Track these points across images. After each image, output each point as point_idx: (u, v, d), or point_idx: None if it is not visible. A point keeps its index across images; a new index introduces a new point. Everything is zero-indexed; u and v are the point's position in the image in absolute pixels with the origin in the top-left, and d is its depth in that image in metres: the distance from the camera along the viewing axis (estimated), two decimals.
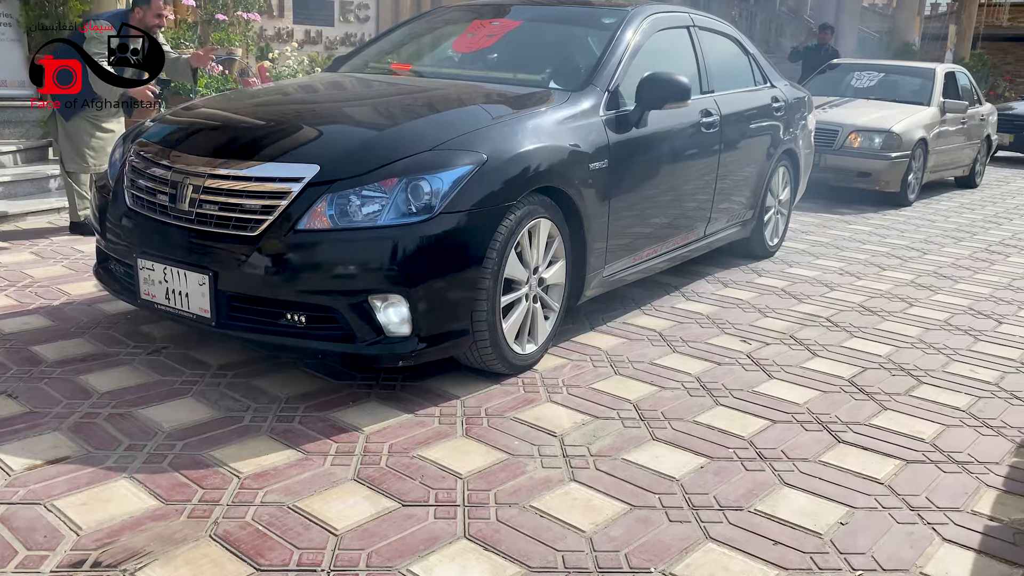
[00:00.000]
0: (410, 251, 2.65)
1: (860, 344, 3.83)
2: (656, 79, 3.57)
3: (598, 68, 3.65)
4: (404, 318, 2.70)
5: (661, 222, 4.01)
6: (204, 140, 3.08)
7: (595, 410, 2.92)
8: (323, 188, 2.69)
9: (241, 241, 2.71)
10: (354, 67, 4.25)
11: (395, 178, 2.72)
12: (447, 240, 2.72)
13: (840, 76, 9.78)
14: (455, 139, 2.91)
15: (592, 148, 3.35)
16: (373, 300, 2.68)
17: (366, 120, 3.28)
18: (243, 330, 2.80)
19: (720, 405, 3.03)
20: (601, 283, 3.63)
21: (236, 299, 2.77)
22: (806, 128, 5.61)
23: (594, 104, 3.48)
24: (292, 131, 3.05)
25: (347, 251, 2.66)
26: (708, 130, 4.24)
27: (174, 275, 2.83)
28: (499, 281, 2.91)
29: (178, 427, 2.62)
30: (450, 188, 2.74)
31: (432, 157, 2.81)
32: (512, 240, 2.92)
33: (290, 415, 2.74)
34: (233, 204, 2.76)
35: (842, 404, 3.11)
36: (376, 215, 2.68)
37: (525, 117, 3.21)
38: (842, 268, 5.39)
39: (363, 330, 2.70)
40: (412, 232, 2.66)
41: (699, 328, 3.94)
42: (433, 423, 2.74)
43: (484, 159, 2.85)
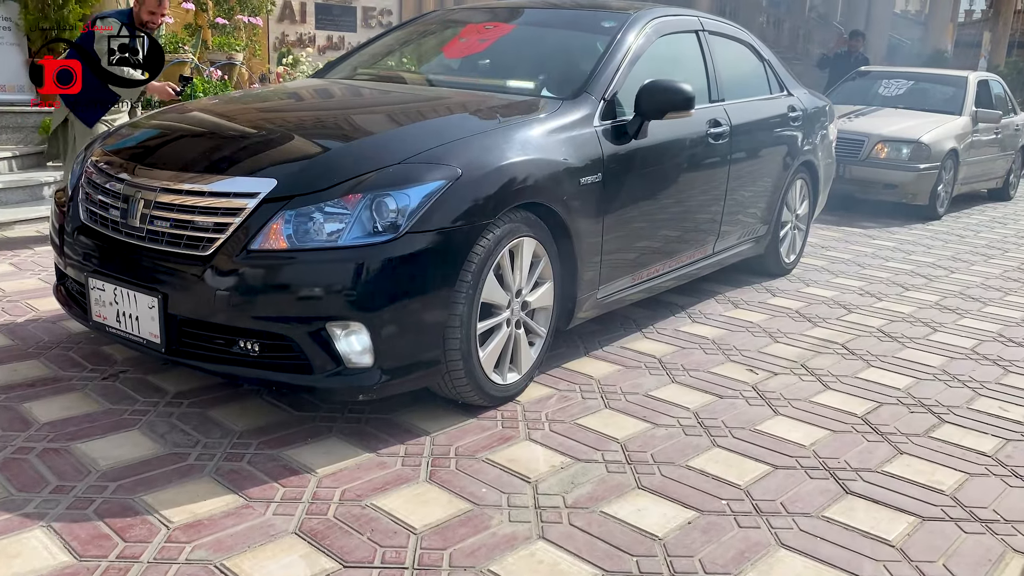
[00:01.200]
0: (372, 274, 2.42)
1: (877, 375, 3.53)
2: (656, 87, 3.30)
3: (594, 75, 3.38)
4: (366, 347, 2.46)
5: (664, 239, 3.74)
6: (160, 151, 2.87)
7: (577, 451, 2.65)
8: (280, 204, 2.46)
9: (192, 261, 2.49)
10: (341, 73, 4.02)
11: (359, 194, 2.48)
12: (414, 262, 2.48)
13: (868, 84, 9.43)
14: (427, 151, 2.66)
15: (584, 161, 3.09)
16: (332, 327, 2.44)
17: (334, 130, 3.04)
18: (194, 358, 2.57)
19: (717, 446, 2.75)
20: (595, 305, 3.37)
21: (187, 324, 2.54)
22: (826, 138, 5.30)
23: (588, 113, 3.23)
24: (253, 142, 2.83)
25: (303, 274, 2.43)
26: (717, 141, 3.96)
27: (124, 296, 2.62)
28: (475, 306, 2.66)
29: (116, 465, 2.40)
30: (419, 205, 2.50)
31: (400, 171, 2.57)
32: (490, 261, 2.68)
33: (240, 452, 2.51)
34: (185, 221, 2.54)
35: (853, 446, 2.82)
36: (337, 234, 2.44)
37: (508, 127, 2.97)
38: (862, 288, 5.07)
39: (321, 360, 2.46)
40: (375, 253, 2.42)
41: (703, 354, 3.66)
42: (395, 464, 2.49)
43: (458, 173, 2.61)
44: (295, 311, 2.44)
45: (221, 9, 7.48)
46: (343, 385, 2.49)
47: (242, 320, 2.47)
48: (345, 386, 2.49)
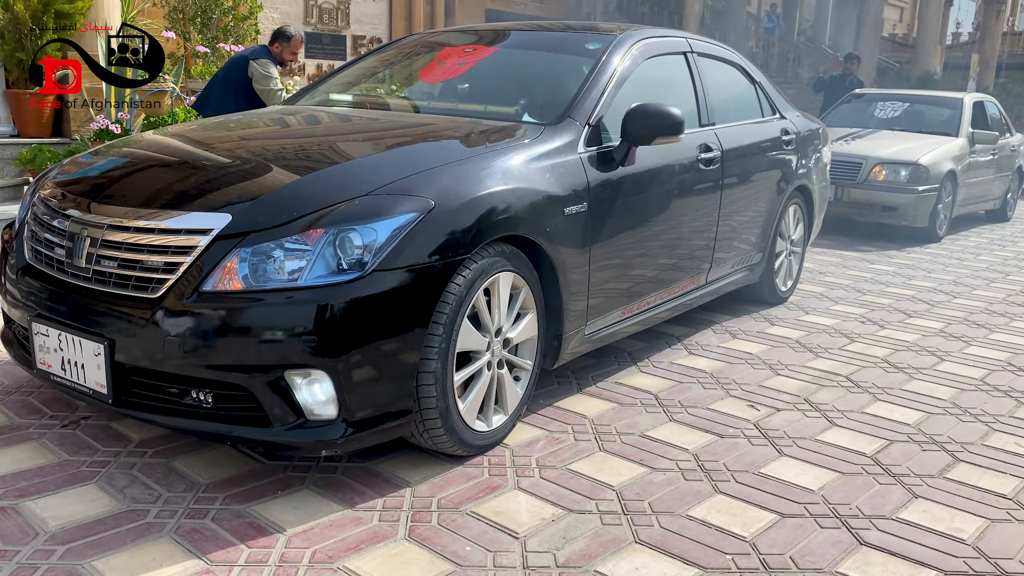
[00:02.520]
0: (335, 317, 2.21)
1: (885, 410, 3.35)
2: (643, 111, 3.12)
3: (577, 99, 3.20)
4: (329, 397, 2.25)
5: (655, 270, 3.56)
6: (109, 185, 2.67)
7: (569, 500, 2.46)
8: (234, 241, 2.26)
9: (140, 304, 2.30)
10: (313, 99, 3.84)
11: (320, 229, 2.28)
12: (382, 303, 2.28)
13: (863, 106, 9.35)
14: (397, 182, 2.47)
15: (568, 190, 2.91)
16: (291, 376, 2.24)
17: (297, 160, 2.82)
18: (143, 410, 2.36)
19: (720, 493, 2.56)
20: (584, 341, 3.19)
21: (136, 373, 2.34)
22: (821, 162, 5.14)
23: (571, 140, 3.04)
24: (207, 174, 2.64)
25: (259, 317, 2.22)
26: (708, 167, 3.80)
27: (69, 342, 2.41)
28: (451, 349, 2.47)
29: (67, 525, 2.20)
30: (387, 240, 2.31)
31: (367, 204, 2.37)
32: (467, 300, 2.49)
33: (204, 509, 2.31)
34: (133, 261, 2.35)
35: (864, 490, 2.63)
36: (297, 274, 2.24)
37: (486, 155, 2.78)
38: (863, 315, 4.91)
39: (280, 412, 2.26)
40: (338, 294, 2.22)
41: (701, 389, 3.48)
42: (372, 519, 2.30)
43: (431, 205, 2.42)
44: (251, 358, 2.23)
45: (204, 38, 7.36)
46: (304, 439, 2.27)
47: (193, 368, 2.26)
48: (307, 440, 2.27)
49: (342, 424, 2.28)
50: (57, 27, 6.40)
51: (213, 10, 7.40)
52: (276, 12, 12.15)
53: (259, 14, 8.27)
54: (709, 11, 19.78)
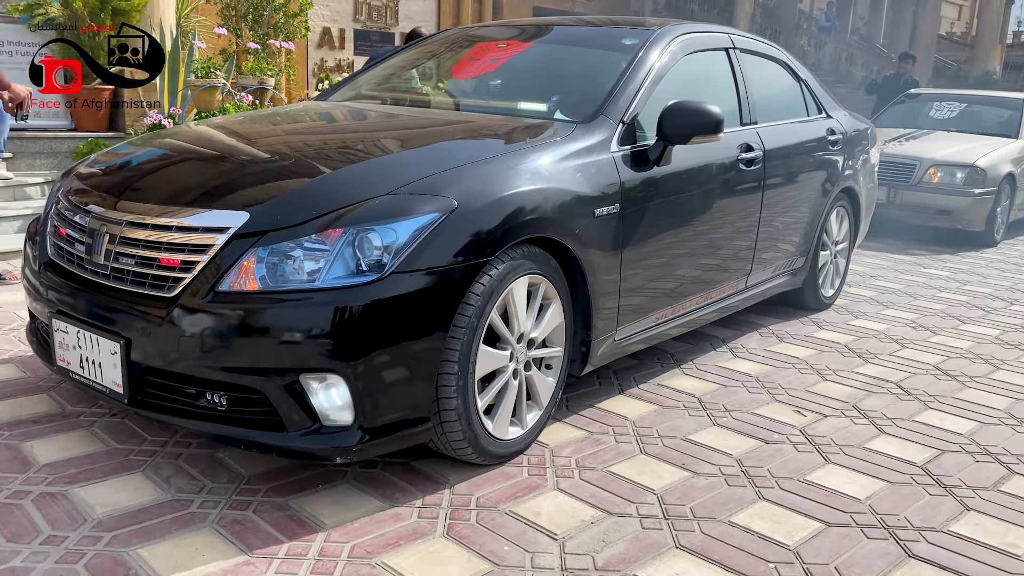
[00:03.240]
0: (352, 320, 2.15)
1: (936, 418, 3.26)
2: (680, 109, 3.02)
3: (612, 96, 3.11)
4: (345, 403, 2.20)
5: (690, 275, 3.44)
6: (130, 181, 2.63)
7: (609, 503, 2.44)
8: (252, 240, 2.22)
9: (156, 303, 2.26)
10: (344, 95, 3.79)
11: (339, 229, 2.22)
12: (401, 306, 2.21)
13: (918, 107, 9.13)
14: (419, 181, 2.40)
15: (599, 190, 2.82)
16: (307, 380, 2.18)
17: (320, 157, 2.74)
18: (158, 410, 2.33)
19: (763, 499, 2.52)
20: (613, 349, 3.08)
21: (151, 373, 2.31)
22: (868, 163, 5.00)
23: (604, 138, 2.96)
24: (229, 171, 2.61)
25: (275, 319, 2.16)
26: (749, 167, 3.69)
27: (87, 340, 2.40)
28: (473, 354, 2.39)
29: (114, 512, 2.24)
30: (407, 241, 2.24)
31: (387, 203, 2.31)
32: (490, 304, 2.41)
33: (246, 500, 2.34)
34: (150, 259, 2.31)
35: (913, 501, 2.56)
36: (314, 275, 2.19)
37: (513, 154, 2.70)
38: (915, 320, 4.79)
39: (295, 417, 2.20)
40: (356, 296, 2.16)
41: (746, 393, 3.42)
42: (411, 516, 2.30)
43: (454, 205, 2.35)
44: (265, 361, 2.18)
45: (255, 34, 7.46)
46: (319, 446, 2.22)
47: (207, 370, 2.22)
48: (321, 447, 2.22)
49: (358, 431, 2.22)
50: (114, 23, 6.55)
51: (264, 7, 7.49)
52: (326, 9, 12.29)
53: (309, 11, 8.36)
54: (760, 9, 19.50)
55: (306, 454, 2.27)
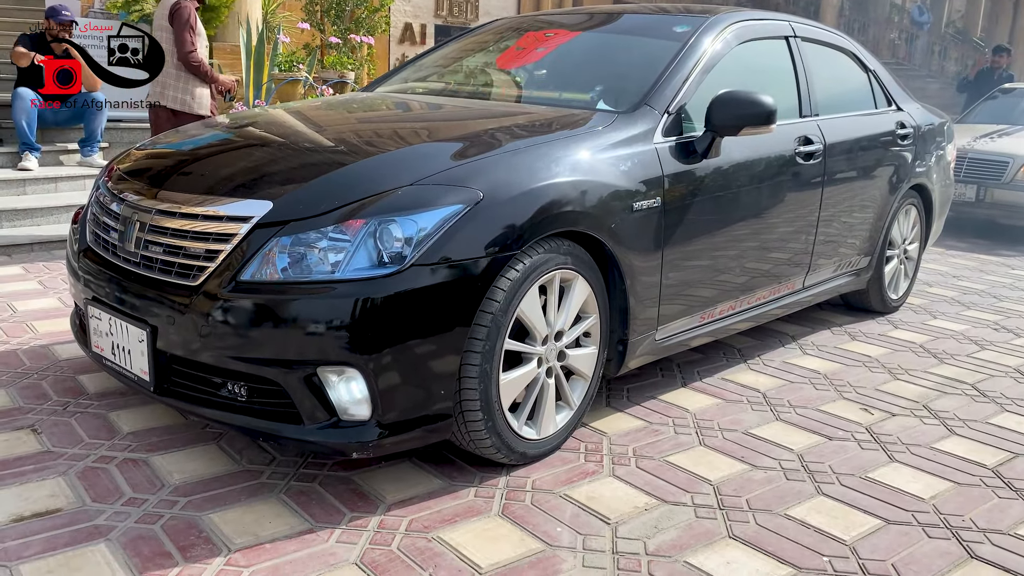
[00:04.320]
0: (370, 313, 2.11)
1: (1012, 421, 3.16)
2: (731, 98, 2.90)
3: (658, 85, 3.00)
4: (363, 397, 2.17)
5: (740, 273, 3.29)
6: (164, 170, 2.66)
7: (664, 491, 2.46)
8: (274, 230, 2.21)
9: (181, 291, 2.27)
10: (390, 85, 3.79)
11: (361, 220, 2.19)
12: (421, 299, 2.16)
13: (1013, 102, 8.75)
14: (445, 172, 2.36)
15: (639, 183, 2.72)
16: (325, 373, 2.16)
17: (349, 148, 2.70)
18: (182, 399, 2.34)
19: (822, 494, 2.49)
20: (653, 349, 2.97)
21: (176, 361, 2.32)
22: (943, 159, 4.77)
23: (648, 129, 2.86)
24: (260, 160, 2.63)
25: (294, 310, 2.14)
26: (807, 161, 3.54)
27: (118, 327, 2.43)
28: (497, 350, 2.33)
29: (189, 480, 2.37)
30: (429, 233, 2.20)
31: (410, 194, 2.27)
32: (516, 299, 2.34)
33: (313, 473, 2.44)
34: (177, 247, 2.33)
35: (981, 502, 2.50)
36: (334, 266, 2.16)
37: (546, 144, 2.62)
38: (998, 322, 4.62)
39: (312, 409, 2.18)
40: (375, 288, 2.12)
41: (812, 390, 3.38)
42: (468, 495, 2.37)
43: (479, 197, 2.29)
44: (284, 352, 2.16)
45: (337, 29, 7.66)
46: (337, 440, 2.19)
47: (227, 360, 2.22)
48: (339, 441, 2.19)
49: (375, 426, 2.19)
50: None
51: (347, 3, 7.69)
52: (408, 5, 12.49)
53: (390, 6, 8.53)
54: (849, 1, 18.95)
55: (323, 448, 2.26)
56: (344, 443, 2.20)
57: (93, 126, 6.29)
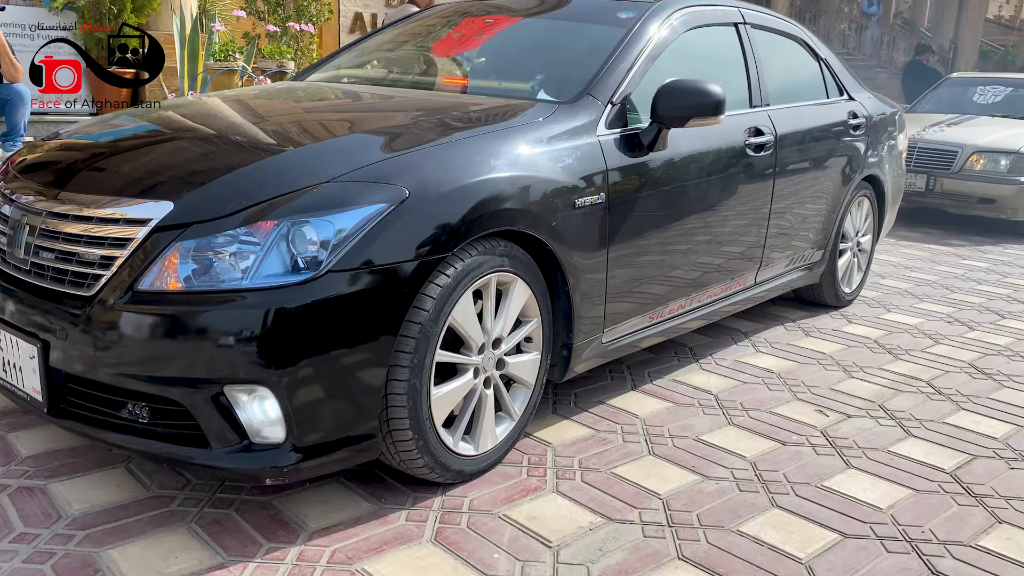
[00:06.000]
0: (280, 325, 1.90)
1: (969, 420, 3.07)
2: (676, 88, 2.75)
3: (600, 74, 2.83)
4: (276, 418, 1.96)
5: (690, 270, 3.16)
6: (71, 167, 2.39)
7: (610, 508, 2.30)
8: (175, 233, 1.98)
9: (74, 302, 2.04)
10: (322, 74, 3.54)
11: (272, 221, 1.98)
12: (339, 309, 1.97)
13: (961, 91, 8.79)
14: (366, 167, 2.15)
15: (581, 178, 2.55)
16: (233, 392, 1.95)
17: (263, 141, 2.49)
18: (79, 421, 2.10)
19: (776, 507, 2.36)
20: (599, 352, 2.82)
21: (72, 380, 2.09)
22: (895, 149, 4.68)
23: (590, 120, 2.69)
24: (164, 157, 2.39)
25: (196, 322, 1.92)
26: (758, 153, 3.40)
27: (8, 342, 2.18)
28: (427, 362, 2.15)
29: (90, 509, 2.15)
30: (348, 235, 1.99)
31: (327, 192, 2.06)
32: (447, 306, 2.17)
33: (229, 499, 2.24)
34: (70, 253, 2.09)
35: (940, 511, 2.39)
36: (243, 272, 1.94)
37: (480, 137, 2.43)
38: (951, 315, 4.56)
39: (220, 432, 1.97)
40: (287, 297, 1.92)
41: (766, 391, 3.26)
42: (399, 519, 2.19)
43: (405, 195, 2.09)
44: (186, 370, 1.94)
45: (277, 17, 7.37)
46: (247, 465, 1.99)
47: (124, 378, 1.99)
48: (250, 467, 1.99)
49: (291, 449, 1.98)
50: (135, 7, 6.50)
51: None
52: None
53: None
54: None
55: (233, 474, 2.07)
56: (257, 468, 1.99)
57: (15, 119, 5.94)
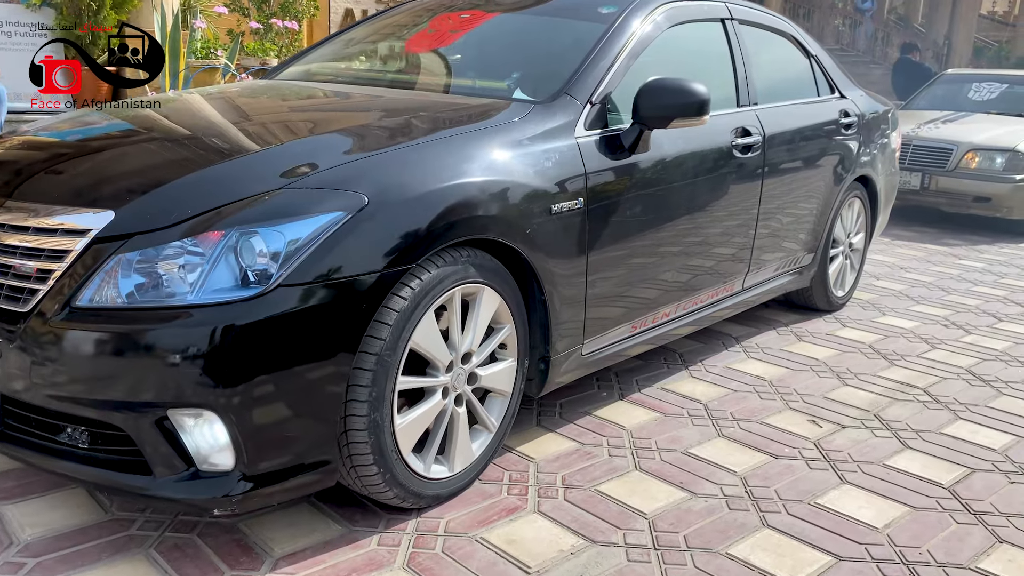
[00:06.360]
0: (227, 344, 1.77)
1: (967, 431, 2.97)
2: (659, 87, 2.61)
3: (579, 72, 2.69)
4: (223, 444, 1.82)
5: (675, 278, 3.03)
6: (12, 172, 2.20)
7: (594, 529, 2.19)
8: (116, 245, 1.84)
9: (8, 318, 1.89)
10: (291, 73, 3.37)
11: (219, 231, 1.84)
12: (290, 326, 1.82)
13: (956, 88, 8.69)
14: (323, 173, 2.00)
15: (557, 183, 2.42)
16: (177, 416, 1.81)
17: (217, 145, 2.34)
18: (17, 445, 1.96)
19: (767, 526, 2.26)
20: (580, 364, 2.69)
21: (7, 401, 1.96)
22: (888, 148, 4.55)
23: (568, 121, 2.55)
24: (109, 162, 2.24)
25: (137, 341, 1.79)
26: (746, 154, 3.27)
27: None
28: (390, 382, 2.00)
29: (44, 534, 2.04)
30: (299, 247, 1.85)
31: (280, 200, 1.92)
32: (414, 320, 2.02)
33: (191, 522, 2.12)
34: (5, 266, 1.95)
35: (937, 530, 2.29)
36: (188, 287, 1.81)
37: (451, 139, 2.30)
38: (947, 317, 4.46)
39: (165, 459, 1.84)
40: (234, 314, 1.78)
41: (757, 400, 3.15)
42: (370, 544, 2.08)
43: (364, 202, 1.94)
44: (128, 393, 1.80)
45: (262, 14, 7.25)
46: (193, 495, 1.85)
47: (61, 401, 1.86)
48: (196, 496, 1.85)
49: (239, 478, 1.84)
50: (114, 3, 6.37)
51: None
52: None
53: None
54: None
55: (179, 505, 1.92)
56: (204, 498, 1.85)
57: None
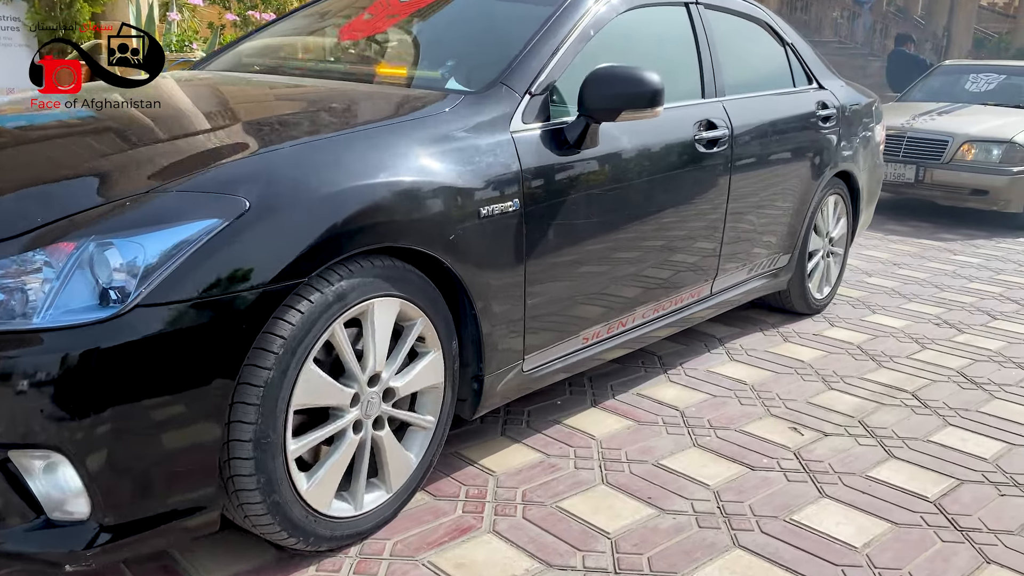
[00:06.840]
0: (78, 375, 1.53)
1: (956, 438, 2.82)
2: (607, 76, 2.37)
3: (519, 60, 2.44)
4: (76, 489, 1.59)
5: (629, 285, 2.81)
6: None
7: (551, 551, 2.05)
8: None
9: None
10: (220, 63, 3.16)
11: (70, 243, 1.60)
12: (154, 353, 1.58)
13: (952, 79, 8.53)
14: (197, 175, 1.76)
15: (487, 182, 2.18)
16: (21, 459, 1.58)
17: (88, 147, 2.08)
18: None
19: (738, 546, 2.11)
20: (520, 383, 2.45)
21: None
22: (871, 142, 4.33)
23: (502, 114, 2.31)
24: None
25: None
26: (710, 149, 3.03)
27: None
28: (279, 413, 1.76)
29: None
30: (163, 260, 1.60)
31: (144, 206, 1.68)
32: (309, 340, 1.79)
33: None
34: None
35: (921, 549, 2.14)
36: (32, 308, 1.55)
37: (359, 134, 2.07)
38: (940, 316, 4.31)
39: (11, 507, 1.60)
40: (85, 339, 1.54)
41: (737, 406, 3.01)
42: (308, 570, 1.93)
43: (243, 207, 1.70)
44: None
45: (243, 6, 7.10)
46: (43, 548, 1.61)
47: None
48: (47, 549, 1.61)
49: (96, 528, 1.60)
50: None
51: None
52: None
53: None
54: None
55: (26, 560, 1.64)
56: (55, 552, 1.60)
57: None
